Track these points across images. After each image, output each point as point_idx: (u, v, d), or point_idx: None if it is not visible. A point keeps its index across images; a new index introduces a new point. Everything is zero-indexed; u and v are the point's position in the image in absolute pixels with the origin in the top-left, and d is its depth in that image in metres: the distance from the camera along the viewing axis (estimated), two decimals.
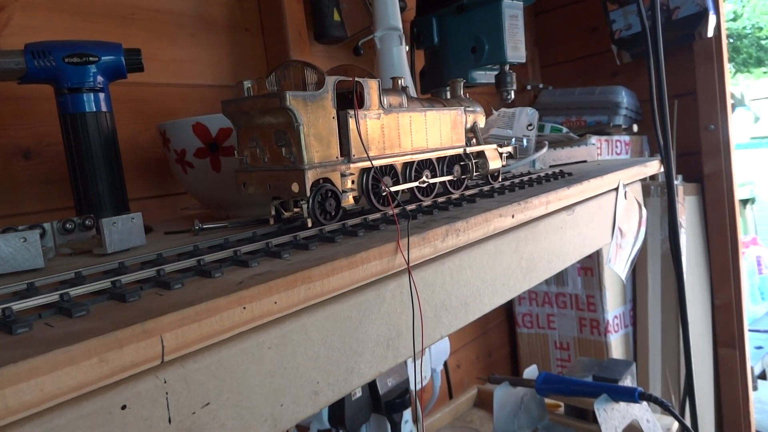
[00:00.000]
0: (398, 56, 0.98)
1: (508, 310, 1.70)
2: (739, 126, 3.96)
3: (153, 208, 0.88)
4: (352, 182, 0.50)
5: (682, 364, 1.44)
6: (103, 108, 0.60)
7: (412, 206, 0.57)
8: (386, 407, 0.91)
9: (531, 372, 1.19)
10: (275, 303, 0.34)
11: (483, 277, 0.56)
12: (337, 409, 0.85)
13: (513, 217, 0.58)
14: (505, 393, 1.14)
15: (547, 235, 0.67)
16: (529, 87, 1.73)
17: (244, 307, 0.33)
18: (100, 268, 0.40)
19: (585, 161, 1.14)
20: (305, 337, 0.38)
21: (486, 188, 0.67)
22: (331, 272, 0.38)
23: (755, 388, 1.82)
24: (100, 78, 0.59)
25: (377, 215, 0.52)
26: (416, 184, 0.57)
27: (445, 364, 1.34)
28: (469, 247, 0.54)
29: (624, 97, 1.49)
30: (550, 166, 1.07)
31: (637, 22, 1.47)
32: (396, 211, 0.52)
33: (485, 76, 1.15)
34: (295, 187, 0.45)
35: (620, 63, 1.56)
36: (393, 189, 0.54)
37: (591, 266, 1.47)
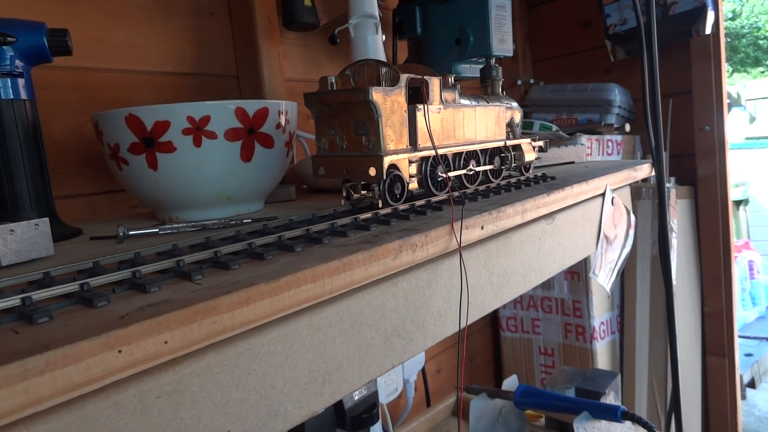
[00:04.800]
0: (374, 45, 0.91)
1: (492, 313, 1.65)
2: (734, 126, 3.91)
3: (102, 205, 0.81)
4: (416, 169, 0.55)
5: (669, 372, 1.39)
6: (23, 95, 0.53)
7: (366, 216, 0.50)
8: (352, 423, 0.85)
9: (511, 383, 1.14)
10: (165, 343, 0.28)
11: (445, 296, 0.50)
12: (296, 427, 0.79)
13: (482, 228, 0.51)
14: (482, 405, 1.08)
15: (523, 247, 0.61)
16: (519, 82, 1.66)
17: (120, 351, 0.26)
18: None
19: (573, 162, 1.08)
20: (210, 380, 0.31)
21: (456, 194, 0.61)
22: (246, 301, 0.31)
23: (743, 397, 1.78)
24: (18, 61, 0.52)
25: (388, 210, 0.52)
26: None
27: (423, 371, 1.28)
28: (429, 263, 0.48)
29: (617, 95, 1.43)
30: (535, 168, 1.01)
31: (632, 17, 1.41)
32: (455, 194, 0.59)
33: (470, 70, 1.08)
34: (372, 171, 0.50)
35: (614, 59, 1.49)
36: (450, 174, 0.60)
37: (578, 270, 1.41)
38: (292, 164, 0.87)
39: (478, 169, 0.64)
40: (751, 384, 1.98)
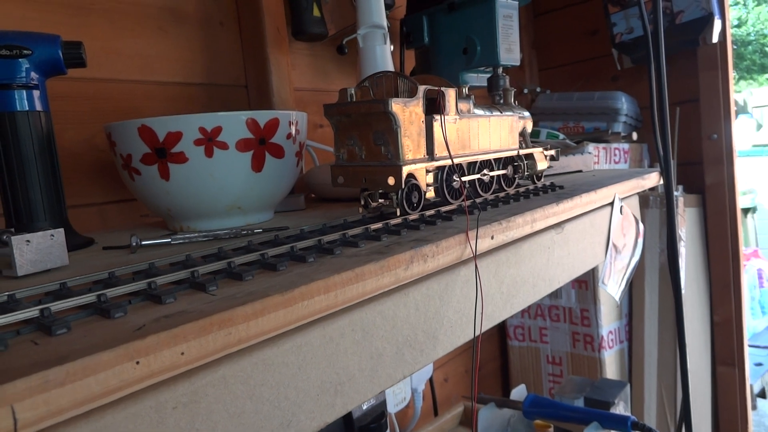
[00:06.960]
0: (382, 56, 0.91)
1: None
2: (741, 133, 3.90)
3: (114, 214, 0.82)
4: (433, 178, 0.56)
5: (678, 382, 1.38)
6: (38, 107, 0.54)
7: (377, 226, 0.50)
8: None
9: (519, 392, 1.13)
10: (182, 354, 0.28)
11: (456, 306, 0.50)
12: None
13: (492, 238, 0.51)
14: (490, 414, 1.08)
15: (532, 257, 0.61)
16: (526, 91, 1.66)
17: (138, 362, 0.26)
18: None
19: (580, 171, 1.08)
20: (225, 390, 0.31)
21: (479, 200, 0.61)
22: (260, 312, 0.32)
23: (754, 408, 1.76)
24: (33, 74, 0.53)
25: (399, 220, 0.53)
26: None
27: (431, 380, 1.28)
28: (440, 274, 0.48)
29: (624, 103, 1.43)
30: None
31: (638, 26, 1.41)
32: (468, 203, 0.61)
33: (477, 79, 1.09)
34: (391, 180, 0.51)
35: (621, 68, 1.49)
36: (465, 179, 0.61)
37: (586, 279, 1.40)
38: (301, 174, 0.87)
39: (492, 173, 0.66)
40: (762, 394, 1.96)
